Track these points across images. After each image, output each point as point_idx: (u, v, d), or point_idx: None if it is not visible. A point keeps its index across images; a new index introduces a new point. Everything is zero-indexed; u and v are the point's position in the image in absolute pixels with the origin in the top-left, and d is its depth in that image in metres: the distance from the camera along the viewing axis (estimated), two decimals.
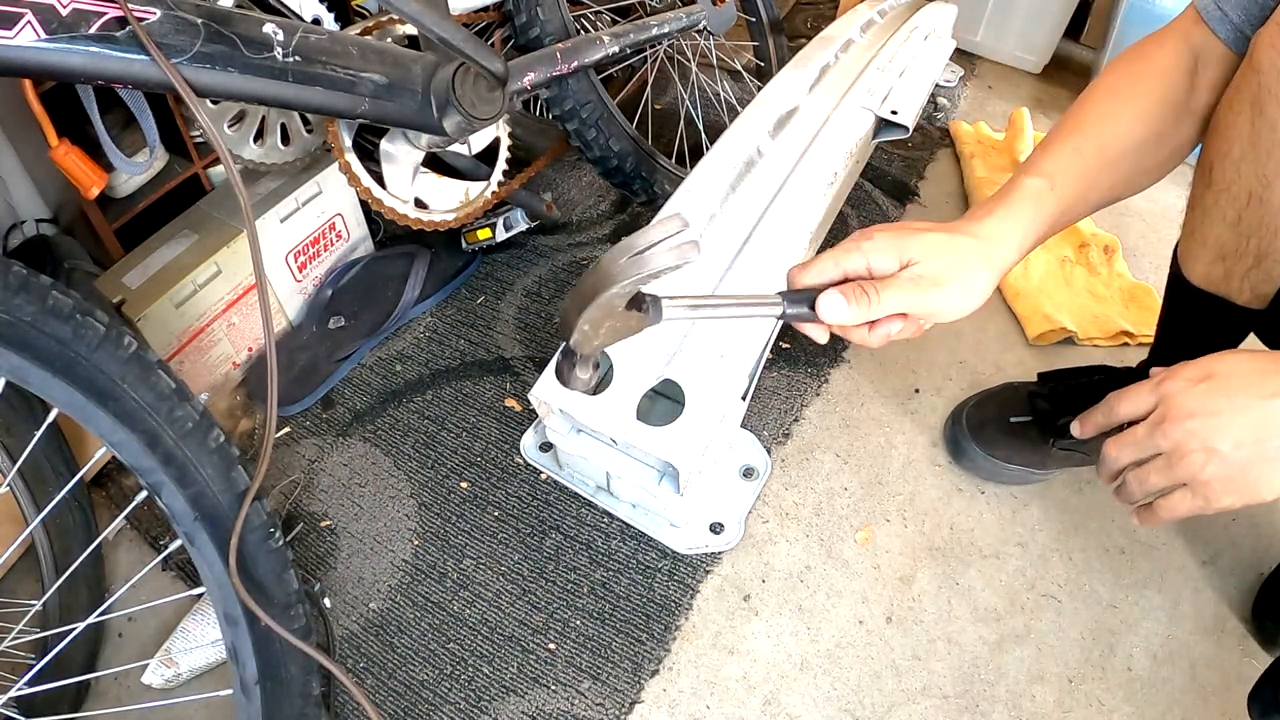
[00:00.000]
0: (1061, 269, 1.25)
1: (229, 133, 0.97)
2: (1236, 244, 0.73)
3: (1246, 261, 0.74)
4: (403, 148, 1.01)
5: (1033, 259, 1.23)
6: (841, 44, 1.25)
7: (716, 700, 0.85)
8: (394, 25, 0.99)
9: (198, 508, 0.65)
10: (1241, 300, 0.78)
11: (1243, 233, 0.72)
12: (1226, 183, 0.70)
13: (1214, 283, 0.79)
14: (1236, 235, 0.73)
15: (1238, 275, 0.76)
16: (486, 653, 0.88)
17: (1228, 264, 0.76)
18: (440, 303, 1.21)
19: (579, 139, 1.16)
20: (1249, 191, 0.69)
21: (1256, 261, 0.73)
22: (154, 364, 0.63)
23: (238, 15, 0.72)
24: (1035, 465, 0.99)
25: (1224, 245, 0.75)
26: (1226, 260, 0.76)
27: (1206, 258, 0.78)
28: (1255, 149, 0.66)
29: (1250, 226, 0.71)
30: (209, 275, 1.01)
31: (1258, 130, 0.66)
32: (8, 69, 0.61)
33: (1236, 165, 0.69)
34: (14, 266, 0.57)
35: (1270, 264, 0.72)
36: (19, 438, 0.78)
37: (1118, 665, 0.88)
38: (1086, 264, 1.26)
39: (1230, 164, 0.69)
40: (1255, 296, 0.77)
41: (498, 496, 1.00)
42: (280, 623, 0.67)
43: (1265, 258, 0.72)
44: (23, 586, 0.93)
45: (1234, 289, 0.77)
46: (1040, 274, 1.24)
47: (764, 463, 1.02)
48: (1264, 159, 0.66)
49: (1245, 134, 0.67)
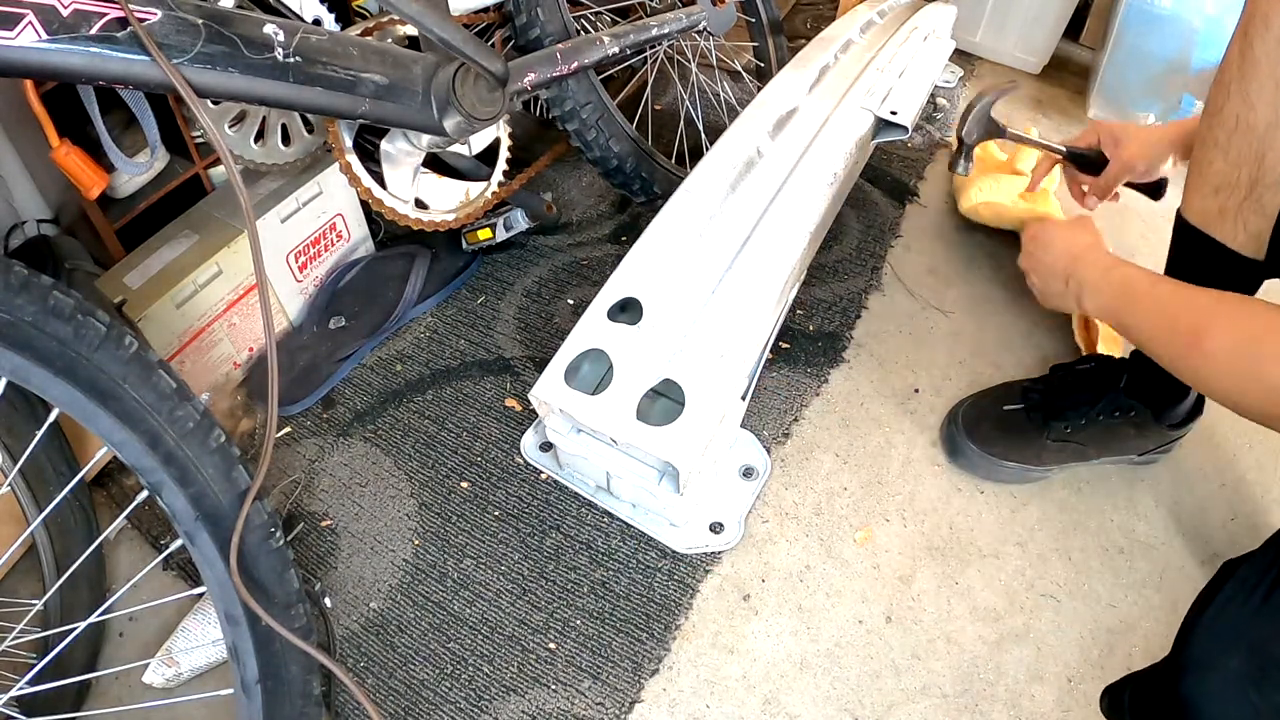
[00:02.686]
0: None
1: (230, 133, 0.97)
2: (1228, 173, 0.77)
3: (1240, 192, 0.77)
4: (403, 148, 1.01)
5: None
6: (841, 45, 1.25)
7: (716, 699, 0.86)
8: (394, 26, 0.99)
9: (199, 507, 0.65)
10: (1236, 244, 0.80)
11: (1233, 159, 0.76)
12: (1218, 107, 0.76)
13: (1209, 219, 0.82)
14: (1227, 163, 0.76)
15: (1231, 211, 0.79)
16: (487, 652, 0.88)
17: (1221, 198, 0.79)
18: (441, 303, 1.21)
19: (579, 139, 1.16)
20: (1236, 115, 0.74)
21: (1249, 190, 0.76)
22: (155, 364, 0.64)
23: (238, 16, 0.72)
24: (1031, 461, 0.99)
25: (1218, 176, 0.78)
26: (1220, 193, 0.79)
27: (1203, 190, 0.81)
28: (1241, 71, 0.72)
29: (1239, 153, 0.75)
30: (210, 275, 1.01)
31: (1243, 53, 0.72)
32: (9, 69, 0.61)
33: (1226, 89, 0.74)
34: (15, 267, 0.57)
35: (1261, 191, 0.75)
36: (20, 438, 0.78)
37: (1117, 665, 0.88)
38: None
39: (1222, 89, 0.75)
40: (1249, 237, 0.79)
41: (498, 496, 1.00)
42: (281, 622, 0.67)
43: (1256, 184, 0.75)
44: (24, 586, 0.93)
45: (1228, 230, 0.80)
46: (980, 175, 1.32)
47: (764, 463, 1.02)
48: (1247, 80, 0.72)
49: (1235, 58, 0.73)
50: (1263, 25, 0.69)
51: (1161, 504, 1.01)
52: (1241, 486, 1.02)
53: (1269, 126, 0.72)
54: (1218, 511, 1.00)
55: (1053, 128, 1.54)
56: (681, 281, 0.91)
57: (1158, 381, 0.95)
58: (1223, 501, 1.01)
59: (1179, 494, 1.02)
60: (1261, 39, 0.69)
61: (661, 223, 0.96)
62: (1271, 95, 0.71)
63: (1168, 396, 0.97)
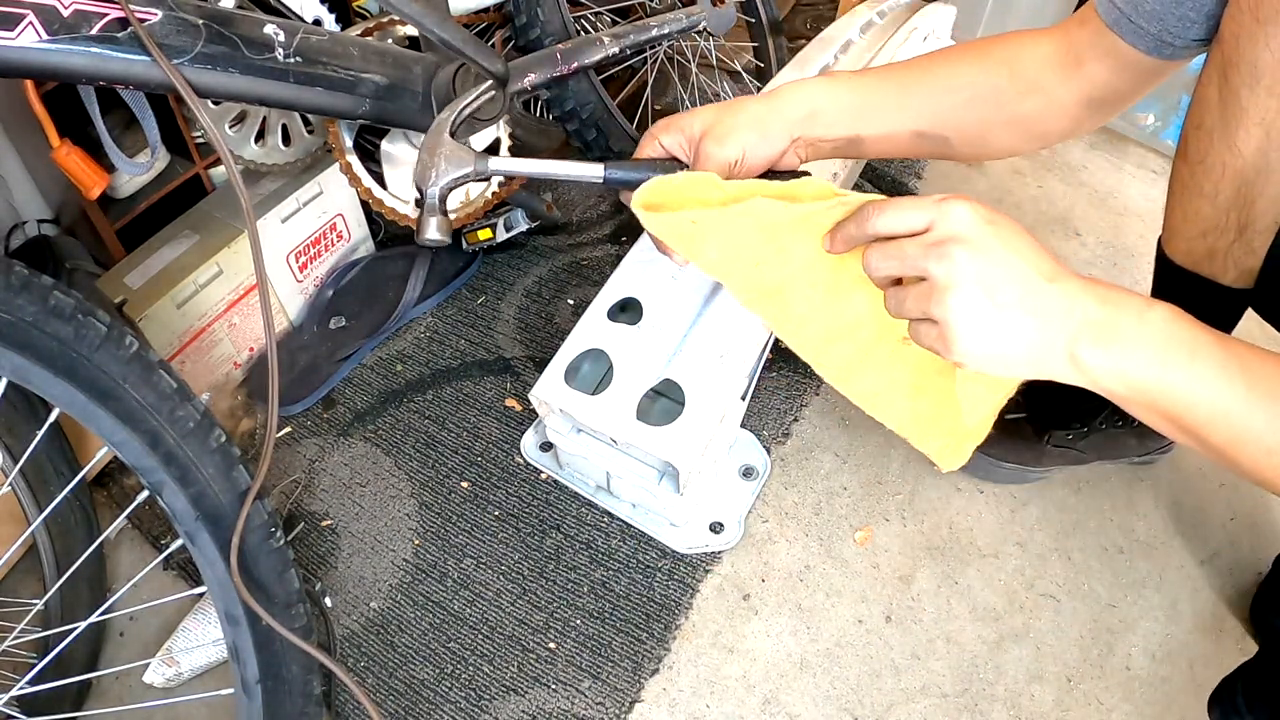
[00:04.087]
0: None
1: (230, 133, 0.97)
2: (1216, 218, 0.74)
3: (1229, 235, 0.74)
4: (403, 148, 1.02)
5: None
6: (841, 45, 1.25)
7: (716, 699, 0.86)
8: (395, 26, 0.99)
9: (199, 507, 0.66)
10: (1228, 280, 0.77)
11: (1220, 206, 0.72)
12: (1201, 154, 0.71)
13: (1197, 261, 0.78)
14: (1215, 209, 0.73)
15: (1221, 251, 0.76)
16: (487, 652, 0.88)
17: (1210, 240, 0.76)
18: (441, 303, 1.21)
19: (579, 140, 1.16)
20: (1222, 163, 0.70)
21: (1238, 234, 0.73)
22: (155, 364, 0.64)
23: (239, 16, 0.72)
24: (1030, 463, 0.99)
25: (1205, 221, 0.75)
26: (1209, 236, 0.75)
27: (1188, 234, 0.77)
28: (1224, 118, 0.68)
29: (1227, 199, 0.71)
30: (210, 275, 1.01)
31: (1224, 99, 0.67)
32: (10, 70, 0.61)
33: (1209, 136, 0.70)
34: (16, 267, 0.57)
35: (1251, 235, 0.72)
36: (21, 438, 0.78)
37: (1116, 664, 0.89)
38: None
39: (1203, 135, 0.70)
40: (1241, 274, 0.76)
41: (498, 496, 1.01)
42: (281, 622, 0.68)
43: (1246, 229, 0.73)
44: (24, 586, 0.93)
45: (1219, 268, 0.77)
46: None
47: (763, 462, 1.02)
48: (1232, 128, 0.67)
49: (1214, 104, 0.68)
50: (1250, 74, 0.64)
51: (1161, 504, 1.01)
52: (1241, 486, 1.02)
53: (1258, 173, 0.68)
54: (1217, 511, 1.00)
55: None
56: (681, 281, 0.91)
57: None
58: (1222, 501, 1.01)
59: (1178, 494, 1.02)
60: (1250, 89, 0.65)
61: None
62: (1260, 143, 0.67)
63: None
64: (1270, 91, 0.64)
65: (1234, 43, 0.64)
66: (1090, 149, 1.47)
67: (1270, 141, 0.66)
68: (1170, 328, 0.49)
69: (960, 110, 0.72)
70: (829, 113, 0.70)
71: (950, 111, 0.72)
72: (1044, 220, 1.34)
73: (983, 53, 0.72)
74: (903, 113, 0.71)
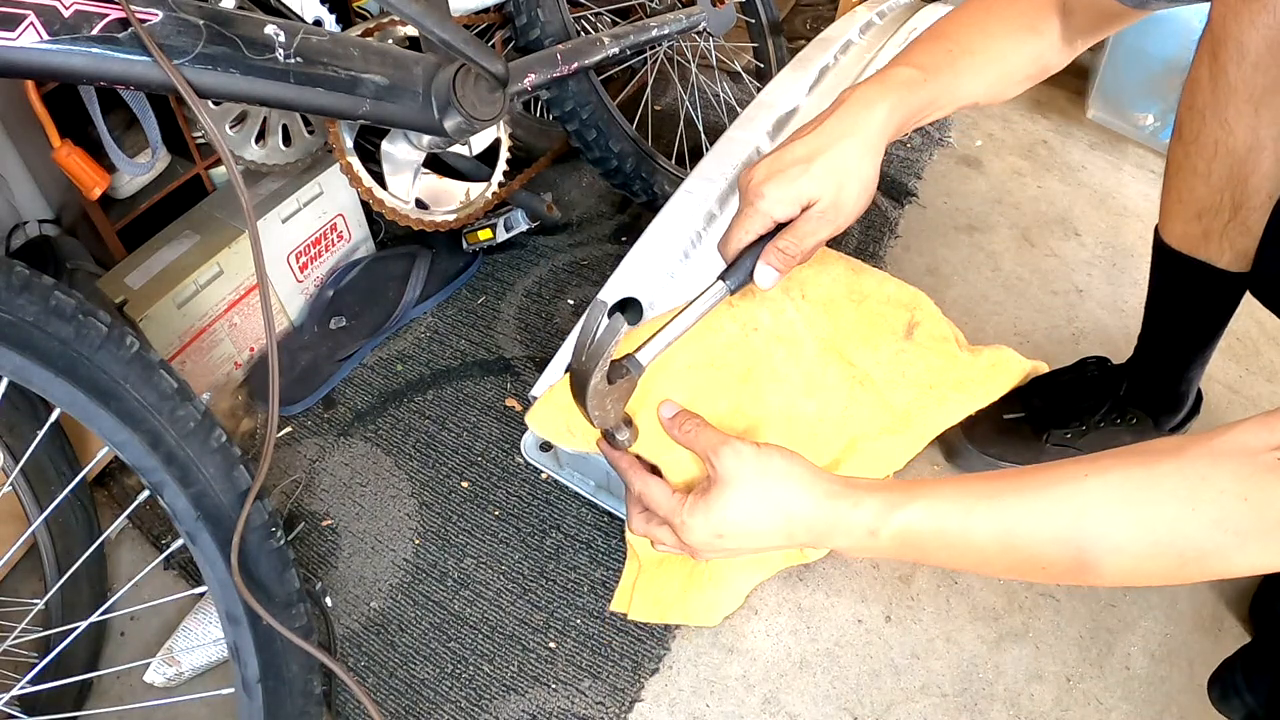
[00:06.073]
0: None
1: (231, 134, 0.97)
2: (1211, 198, 0.75)
3: (1224, 215, 0.75)
4: (404, 149, 1.02)
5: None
6: (841, 45, 1.25)
7: (716, 699, 0.86)
8: (395, 27, 0.99)
9: (200, 507, 0.66)
10: (1224, 263, 0.78)
11: (1215, 185, 0.74)
12: (1194, 134, 0.73)
13: (1193, 243, 0.79)
14: (1210, 188, 0.74)
15: (1216, 233, 0.76)
16: (487, 651, 0.89)
17: (1205, 221, 0.76)
18: (441, 303, 1.21)
19: (579, 140, 1.16)
20: (1215, 140, 0.71)
21: (1233, 213, 0.74)
22: (156, 364, 0.64)
23: (239, 17, 0.72)
24: (1029, 462, 0.98)
25: (1200, 201, 0.76)
26: (1204, 218, 0.76)
27: (1184, 216, 0.78)
28: (1215, 97, 0.70)
29: (1221, 177, 0.73)
30: (211, 276, 1.01)
31: (1214, 78, 0.69)
32: (10, 70, 0.61)
33: (1201, 115, 0.71)
34: (17, 267, 0.57)
35: (1246, 213, 0.73)
36: (21, 437, 0.78)
37: (1116, 664, 0.89)
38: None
39: (1196, 115, 0.72)
40: (1236, 256, 0.77)
41: (498, 496, 1.01)
42: (282, 621, 0.68)
43: (1240, 207, 0.73)
44: (25, 585, 0.93)
45: (1214, 251, 0.78)
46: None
47: None
48: (1223, 105, 0.69)
49: (1205, 83, 0.70)
50: (1237, 51, 0.66)
51: None
52: None
53: (1249, 150, 0.69)
54: None
55: (1051, 128, 1.54)
56: (681, 281, 0.91)
57: (1158, 389, 0.95)
58: None
59: None
60: (1237, 65, 0.67)
61: (661, 223, 0.96)
62: (1250, 119, 0.68)
63: (1168, 404, 0.96)
64: (1257, 68, 0.66)
65: (1221, 22, 0.66)
66: (1090, 149, 1.47)
67: (1260, 118, 0.68)
68: (905, 541, 0.59)
69: (1005, 80, 0.75)
70: (900, 126, 0.70)
71: (997, 81, 0.74)
72: (1044, 220, 1.34)
73: (1004, 14, 0.74)
74: (955, 101, 0.73)
